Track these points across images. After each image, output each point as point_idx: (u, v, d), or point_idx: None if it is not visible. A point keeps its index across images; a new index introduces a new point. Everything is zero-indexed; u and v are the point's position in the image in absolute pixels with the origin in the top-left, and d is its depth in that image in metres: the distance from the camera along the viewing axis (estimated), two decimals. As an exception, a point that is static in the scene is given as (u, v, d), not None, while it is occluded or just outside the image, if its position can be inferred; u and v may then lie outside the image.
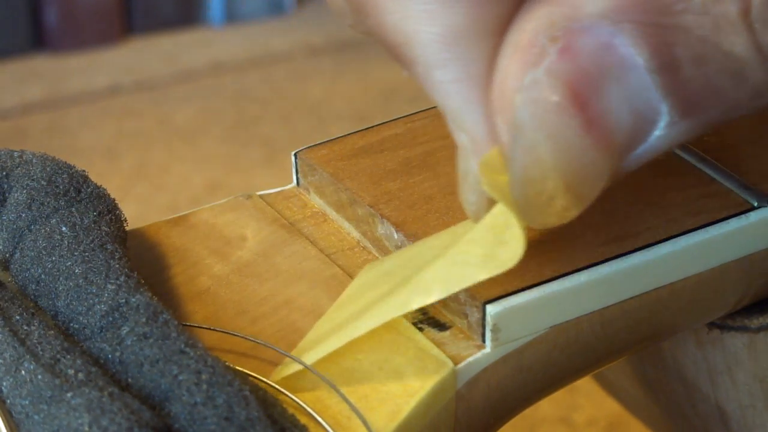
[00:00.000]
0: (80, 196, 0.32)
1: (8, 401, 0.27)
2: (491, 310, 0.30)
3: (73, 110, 1.21)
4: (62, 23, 1.30)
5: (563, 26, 0.24)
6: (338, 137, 0.37)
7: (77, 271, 0.29)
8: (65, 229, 0.31)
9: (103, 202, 0.32)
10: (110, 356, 0.28)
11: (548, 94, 0.24)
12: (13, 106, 1.22)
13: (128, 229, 0.33)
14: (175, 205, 1.05)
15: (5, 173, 0.33)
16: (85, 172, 0.33)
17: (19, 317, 0.29)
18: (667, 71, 0.24)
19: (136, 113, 1.23)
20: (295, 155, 0.37)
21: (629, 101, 0.25)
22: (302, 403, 0.28)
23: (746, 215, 0.33)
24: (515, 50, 0.25)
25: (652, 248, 0.32)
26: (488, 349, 0.30)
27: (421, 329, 0.31)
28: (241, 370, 0.29)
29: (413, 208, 0.34)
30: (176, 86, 1.28)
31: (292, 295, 0.32)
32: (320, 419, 0.28)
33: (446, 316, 0.31)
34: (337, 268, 0.33)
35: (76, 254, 0.30)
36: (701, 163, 0.35)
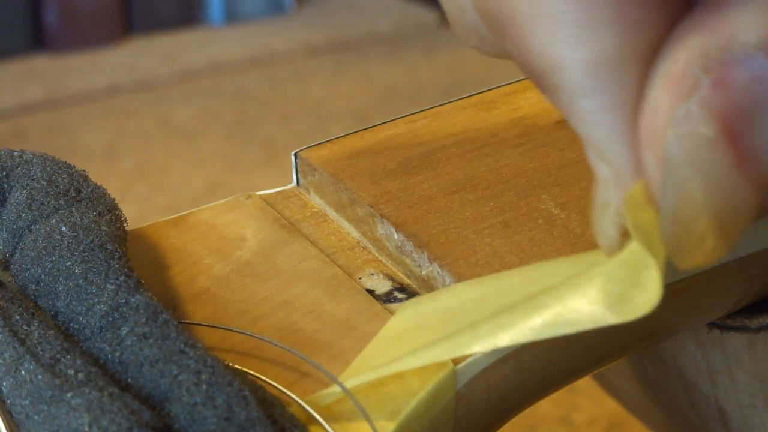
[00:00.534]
0: (80, 195, 0.32)
1: (8, 401, 0.27)
2: (491, 310, 0.30)
3: (72, 110, 1.21)
4: (62, 23, 1.30)
5: (717, 57, 0.23)
6: (338, 137, 0.37)
7: (77, 271, 0.29)
8: (65, 228, 0.31)
9: (103, 202, 0.32)
10: (110, 356, 0.28)
11: (701, 128, 0.24)
12: (13, 106, 1.22)
13: (128, 229, 0.33)
14: (175, 205, 1.05)
15: (5, 173, 0.33)
16: (85, 172, 0.33)
17: (19, 317, 0.29)
18: None
19: (136, 113, 1.22)
20: (295, 155, 0.37)
21: None
22: (302, 402, 0.28)
23: (746, 215, 0.33)
24: (666, 81, 0.24)
25: (652, 248, 0.32)
26: (488, 349, 0.30)
27: (421, 329, 0.31)
28: (241, 369, 0.29)
29: (413, 208, 0.34)
30: (176, 86, 1.28)
31: (292, 295, 0.32)
32: (320, 419, 0.28)
33: (446, 316, 0.31)
34: (337, 268, 0.33)
35: (76, 254, 0.30)
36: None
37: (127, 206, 0.34)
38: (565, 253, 0.31)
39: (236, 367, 0.29)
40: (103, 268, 0.29)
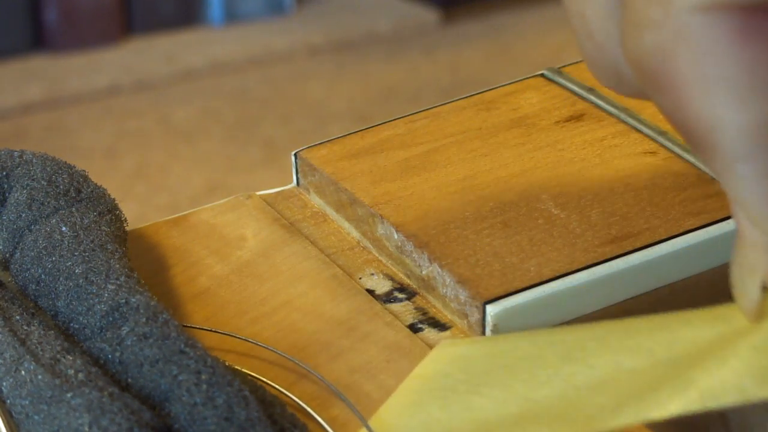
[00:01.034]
0: (80, 196, 0.32)
1: (8, 401, 0.27)
2: (491, 310, 0.30)
3: (72, 110, 1.21)
4: (62, 23, 1.30)
5: None
6: (338, 137, 0.37)
7: (77, 271, 0.29)
8: (65, 228, 0.31)
9: (103, 202, 0.32)
10: (110, 356, 0.28)
11: None
12: (13, 106, 1.22)
13: (128, 229, 0.33)
14: (175, 205, 1.05)
15: (5, 173, 0.33)
16: (85, 172, 0.33)
17: (19, 317, 0.29)
18: None
19: (136, 113, 1.22)
20: (295, 155, 0.37)
21: None
22: (302, 403, 0.28)
23: (746, 215, 0.33)
24: None
25: (652, 248, 0.32)
26: (488, 349, 0.30)
27: (421, 329, 0.31)
28: (240, 370, 0.29)
29: (413, 208, 0.34)
30: (176, 86, 1.28)
31: (292, 295, 0.32)
32: (320, 419, 0.28)
33: (446, 316, 0.31)
34: (337, 268, 0.33)
35: (76, 254, 0.30)
36: (701, 163, 0.35)
37: (127, 206, 0.34)
38: (565, 253, 0.31)
39: (236, 367, 0.29)
40: (103, 268, 0.29)
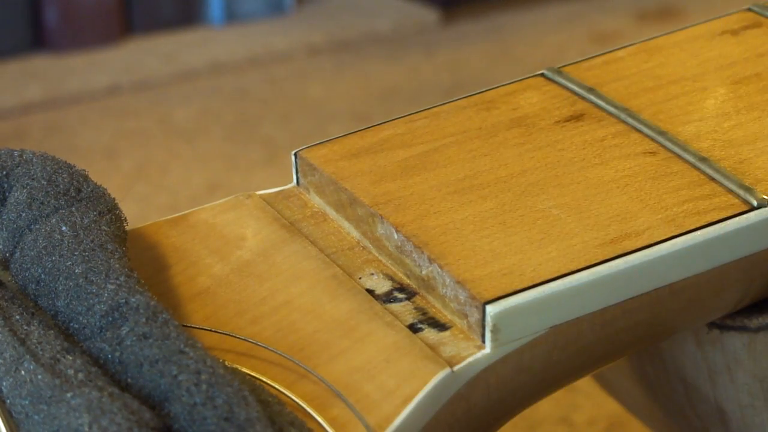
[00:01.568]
0: (80, 195, 0.32)
1: (8, 401, 0.27)
2: (491, 310, 0.30)
3: (72, 110, 1.21)
4: (62, 23, 1.30)
5: None
6: (338, 137, 0.37)
7: (77, 270, 0.29)
8: (65, 228, 0.31)
9: (103, 201, 0.32)
10: (110, 356, 0.28)
11: None
12: (13, 106, 1.21)
13: (128, 228, 0.33)
14: (175, 205, 1.05)
15: (5, 173, 0.33)
16: (85, 171, 0.33)
17: (19, 317, 0.29)
18: None
19: (135, 113, 1.22)
20: (295, 155, 0.37)
21: None
22: (302, 403, 0.28)
23: (746, 215, 0.33)
24: None
25: (652, 248, 0.32)
26: (488, 349, 0.30)
27: (420, 329, 0.31)
28: (240, 369, 0.29)
29: (413, 208, 0.34)
30: (176, 86, 1.28)
31: (291, 294, 0.32)
32: (320, 419, 0.28)
33: (446, 316, 0.31)
34: (337, 268, 0.33)
35: (76, 254, 0.30)
36: (701, 163, 0.35)
37: (127, 206, 0.34)
38: (564, 253, 0.31)
39: (236, 367, 0.29)
40: (103, 267, 0.29)
